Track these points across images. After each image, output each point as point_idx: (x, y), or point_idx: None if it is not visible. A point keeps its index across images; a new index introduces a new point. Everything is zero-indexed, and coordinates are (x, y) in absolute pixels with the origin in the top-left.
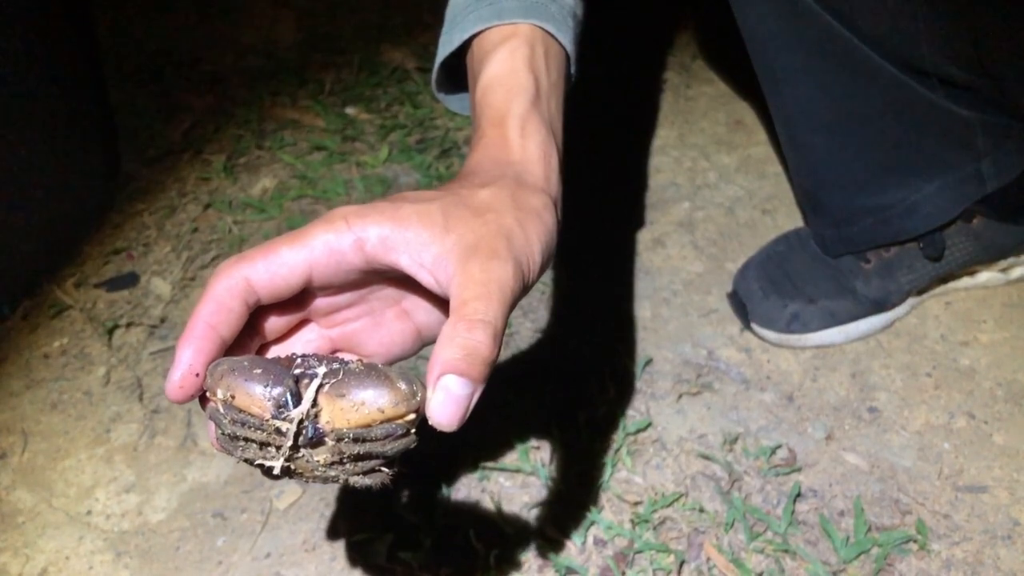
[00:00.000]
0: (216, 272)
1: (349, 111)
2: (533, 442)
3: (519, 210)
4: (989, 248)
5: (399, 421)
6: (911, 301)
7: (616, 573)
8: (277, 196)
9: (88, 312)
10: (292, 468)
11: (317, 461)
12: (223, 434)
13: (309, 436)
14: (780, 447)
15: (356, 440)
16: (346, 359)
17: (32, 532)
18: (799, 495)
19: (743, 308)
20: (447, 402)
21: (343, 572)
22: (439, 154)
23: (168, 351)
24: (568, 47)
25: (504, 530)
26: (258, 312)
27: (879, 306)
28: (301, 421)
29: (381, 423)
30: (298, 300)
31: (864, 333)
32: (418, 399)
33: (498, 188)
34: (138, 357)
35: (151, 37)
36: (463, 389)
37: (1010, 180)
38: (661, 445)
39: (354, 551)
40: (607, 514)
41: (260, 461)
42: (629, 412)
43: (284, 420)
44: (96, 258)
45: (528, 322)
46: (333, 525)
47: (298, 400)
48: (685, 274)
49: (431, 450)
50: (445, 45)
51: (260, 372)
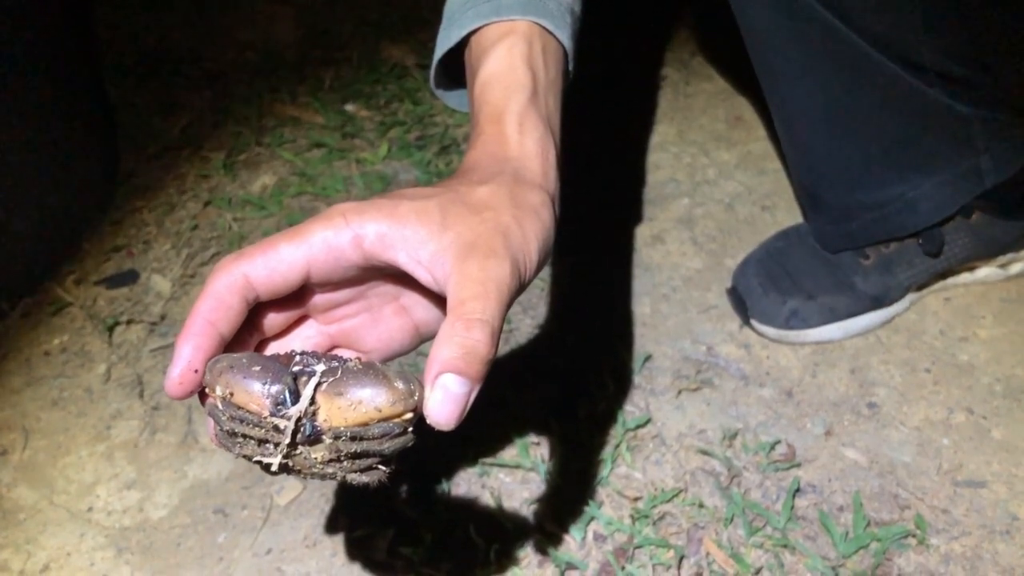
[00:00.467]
0: (215, 269)
1: (348, 108)
2: (533, 438)
3: (517, 208)
4: (988, 244)
5: (396, 420)
6: (910, 297)
7: (616, 568)
8: (277, 193)
9: (88, 309)
10: (290, 465)
11: (315, 458)
12: (222, 431)
13: (307, 434)
14: (779, 443)
15: (353, 439)
16: (345, 357)
17: (33, 529)
18: (798, 490)
19: (742, 304)
20: (445, 401)
21: (344, 568)
22: (438, 151)
23: (168, 348)
24: (566, 43)
25: (504, 525)
26: (257, 308)
27: (878, 302)
28: (299, 419)
29: (378, 422)
30: (297, 296)
31: (863, 329)
32: (415, 398)
33: (496, 185)
34: (138, 354)
35: (150, 34)
36: (461, 388)
37: (1009, 176)
38: (661, 441)
39: (355, 547)
40: (607, 509)
41: (258, 458)
42: (628, 408)
43: (282, 418)
44: (96, 255)
45: (528, 318)
46: (334, 521)
47: (296, 398)
48: (684, 270)
49: (431, 446)
50: (443, 42)
51: (259, 370)
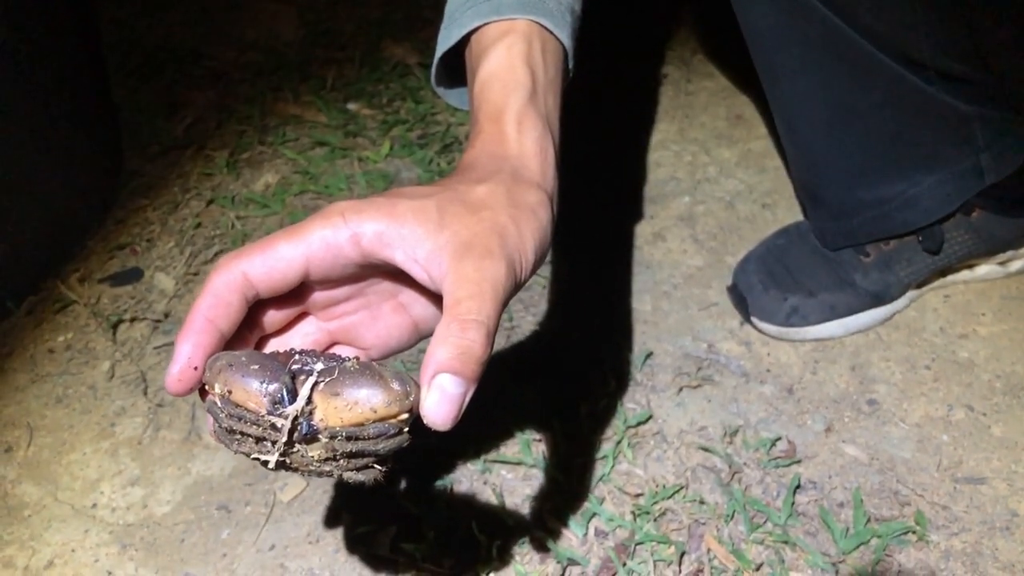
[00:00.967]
0: (215, 267)
1: (351, 107)
2: (534, 435)
3: (514, 207)
4: (988, 241)
5: (392, 421)
6: (910, 294)
7: (617, 564)
8: (279, 192)
9: (92, 307)
10: (287, 462)
11: (312, 456)
12: (220, 427)
13: (303, 432)
14: (780, 439)
15: (349, 438)
16: (343, 356)
17: (38, 525)
18: (799, 487)
19: (743, 301)
20: (442, 401)
21: (347, 564)
22: (440, 149)
23: (172, 345)
24: (566, 42)
25: (506, 522)
26: (257, 306)
27: (878, 299)
28: (295, 418)
29: (374, 422)
30: (296, 294)
31: (863, 326)
32: (411, 399)
33: (494, 184)
34: (142, 352)
35: (153, 33)
36: (457, 388)
37: (1009, 173)
38: (662, 437)
39: (357, 543)
40: (608, 506)
41: (256, 455)
42: (630, 405)
43: (279, 416)
44: (100, 253)
45: (529, 316)
46: (337, 517)
47: (293, 397)
48: (685, 268)
49: (433, 443)
50: (444, 41)
51: (257, 368)
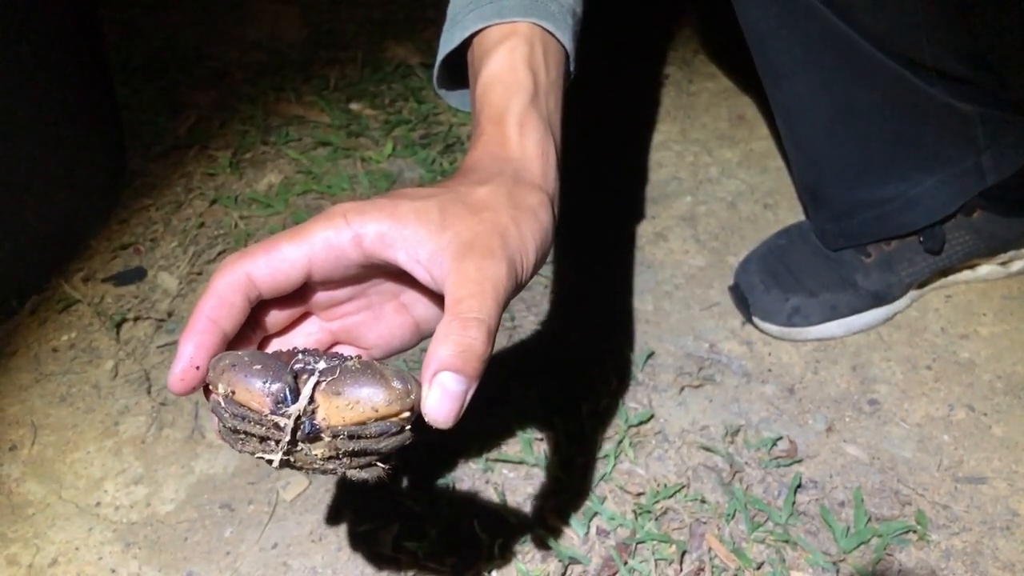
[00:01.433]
0: (218, 268)
1: (353, 107)
2: (536, 434)
3: (515, 208)
4: (989, 241)
5: (393, 419)
6: (911, 294)
7: (618, 563)
8: (282, 191)
9: (96, 306)
10: (291, 461)
11: (315, 455)
12: (225, 427)
13: (306, 432)
14: (781, 439)
15: (351, 437)
16: (344, 355)
17: (42, 523)
18: (800, 486)
19: (744, 301)
20: (443, 399)
21: (349, 562)
22: (443, 149)
23: (175, 344)
24: (567, 45)
25: (508, 520)
26: (260, 306)
27: (880, 299)
28: (298, 417)
29: (376, 421)
30: (299, 294)
31: (865, 326)
32: (412, 398)
33: (496, 186)
34: (146, 351)
35: (156, 33)
36: (458, 386)
37: (1010, 174)
38: (663, 437)
39: (360, 541)
40: (610, 505)
41: (260, 454)
42: (631, 404)
43: (282, 416)
44: (103, 253)
45: (531, 315)
46: (339, 516)
47: (296, 396)
48: (687, 268)
49: (436, 441)
50: (446, 43)
51: (260, 368)
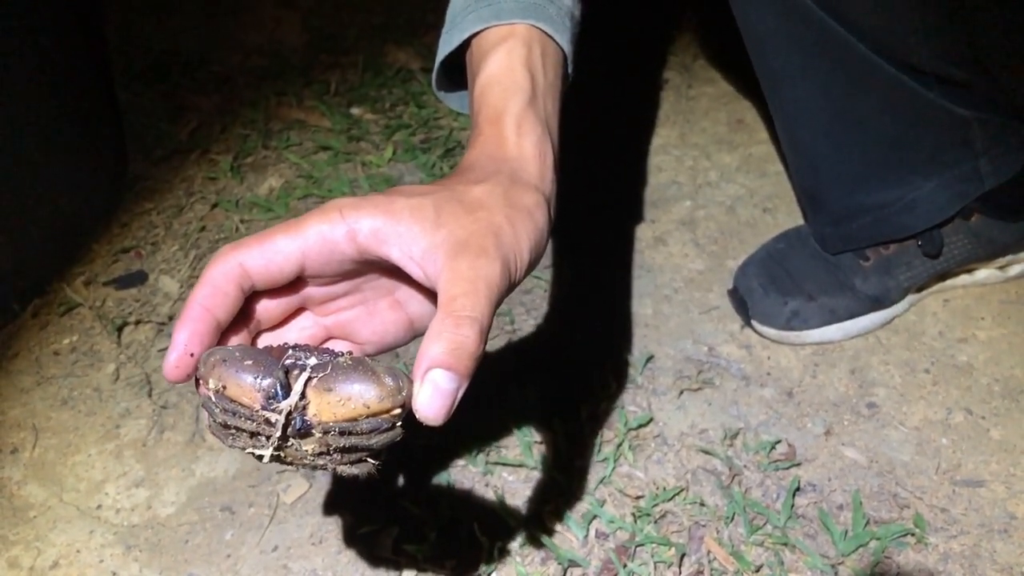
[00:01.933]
0: (212, 258)
1: (354, 111)
2: (536, 437)
3: (511, 208)
4: (987, 246)
5: (384, 416)
6: (910, 298)
7: (618, 565)
8: (283, 195)
9: (97, 310)
10: (282, 456)
11: (306, 450)
12: (215, 422)
13: (297, 427)
14: (780, 442)
15: (342, 433)
16: (336, 351)
17: (43, 526)
18: (798, 489)
19: (743, 305)
20: (434, 396)
21: (349, 565)
22: (443, 153)
23: None
24: (565, 47)
25: (507, 523)
26: (254, 299)
27: (878, 303)
28: (289, 413)
29: (367, 417)
30: (293, 289)
31: (863, 330)
32: (403, 395)
33: (492, 185)
34: (147, 354)
35: (158, 38)
36: (450, 384)
37: (1008, 178)
38: (662, 440)
39: (360, 544)
40: (609, 508)
41: (250, 450)
42: (631, 407)
43: (273, 411)
44: (105, 257)
45: (531, 318)
46: (339, 518)
47: (287, 392)
48: (686, 271)
49: (436, 445)
50: (445, 45)
51: (251, 363)
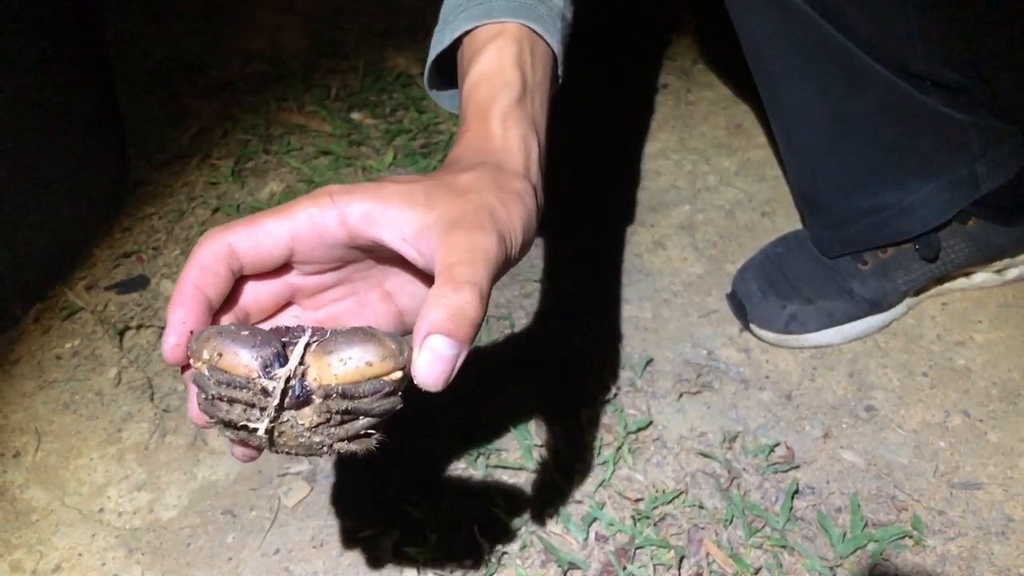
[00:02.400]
0: (200, 240)
1: (355, 116)
2: (536, 440)
3: (500, 191)
4: (984, 249)
5: (386, 378)
6: (908, 302)
7: (617, 568)
8: (284, 200)
9: (99, 314)
10: (275, 435)
11: (302, 424)
12: (206, 398)
13: (296, 395)
14: (778, 445)
15: (343, 396)
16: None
17: (46, 529)
18: (797, 492)
19: (742, 309)
20: (433, 362)
21: (350, 568)
22: (443, 158)
23: None
24: (555, 48)
25: (508, 526)
26: (243, 287)
27: (876, 306)
28: (288, 379)
29: (369, 379)
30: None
31: (861, 333)
32: (405, 356)
33: (479, 172)
34: (148, 358)
35: (159, 44)
36: (449, 350)
37: (1004, 182)
38: (662, 443)
39: (361, 547)
40: (608, 510)
41: (244, 422)
42: (630, 411)
43: (271, 379)
44: (106, 261)
45: (530, 322)
46: (340, 521)
47: (285, 360)
48: (685, 275)
49: (436, 446)
50: (437, 43)
51: (247, 334)
